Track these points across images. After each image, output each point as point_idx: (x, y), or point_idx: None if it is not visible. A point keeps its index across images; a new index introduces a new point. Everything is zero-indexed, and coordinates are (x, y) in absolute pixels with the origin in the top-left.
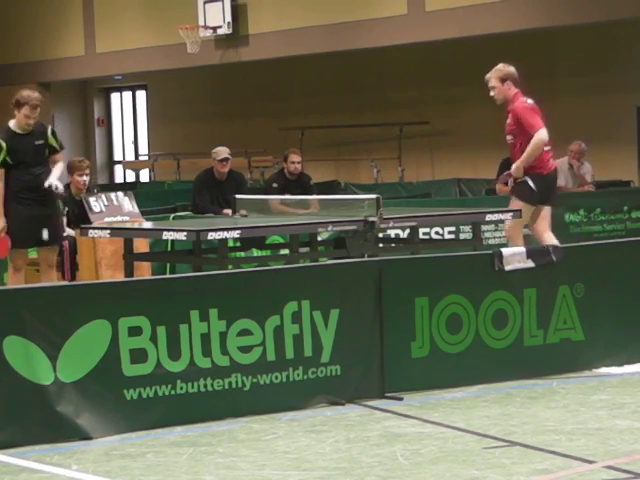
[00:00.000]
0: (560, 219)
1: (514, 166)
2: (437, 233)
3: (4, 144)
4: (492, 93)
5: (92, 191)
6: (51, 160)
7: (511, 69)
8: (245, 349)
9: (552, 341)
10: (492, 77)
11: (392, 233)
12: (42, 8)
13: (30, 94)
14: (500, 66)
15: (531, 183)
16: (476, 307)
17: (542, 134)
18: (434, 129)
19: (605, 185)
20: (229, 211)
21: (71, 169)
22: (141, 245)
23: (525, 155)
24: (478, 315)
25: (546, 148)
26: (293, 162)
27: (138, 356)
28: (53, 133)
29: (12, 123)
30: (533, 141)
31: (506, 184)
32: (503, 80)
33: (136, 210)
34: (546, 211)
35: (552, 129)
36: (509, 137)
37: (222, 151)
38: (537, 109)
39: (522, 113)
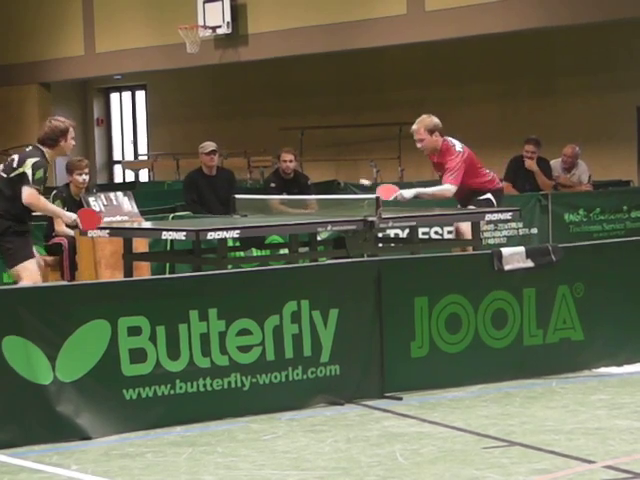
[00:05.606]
0: (560, 219)
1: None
2: (437, 233)
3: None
4: (419, 145)
5: (91, 191)
6: None
7: (437, 120)
8: (244, 349)
9: (552, 341)
10: (420, 128)
11: (392, 233)
12: (42, 8)
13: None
14: (425, 117)
15: (492, 199)
16: (475, 307)
17: (450, 192)
18: None
19: (605, 185)
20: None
21: (70, 168)
22: (140, 245)
23: (429, 193)
24: (477, 315)
25: (487, 171)
26: (285, 160)
27: (137, 356)
28: None
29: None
30: (440, 192)
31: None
32: (432, 132)
33: (135, 210)
34: None
35: (552, 129)
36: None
37: (209, 145)
38: (467, 157)
39: (452, 167)
